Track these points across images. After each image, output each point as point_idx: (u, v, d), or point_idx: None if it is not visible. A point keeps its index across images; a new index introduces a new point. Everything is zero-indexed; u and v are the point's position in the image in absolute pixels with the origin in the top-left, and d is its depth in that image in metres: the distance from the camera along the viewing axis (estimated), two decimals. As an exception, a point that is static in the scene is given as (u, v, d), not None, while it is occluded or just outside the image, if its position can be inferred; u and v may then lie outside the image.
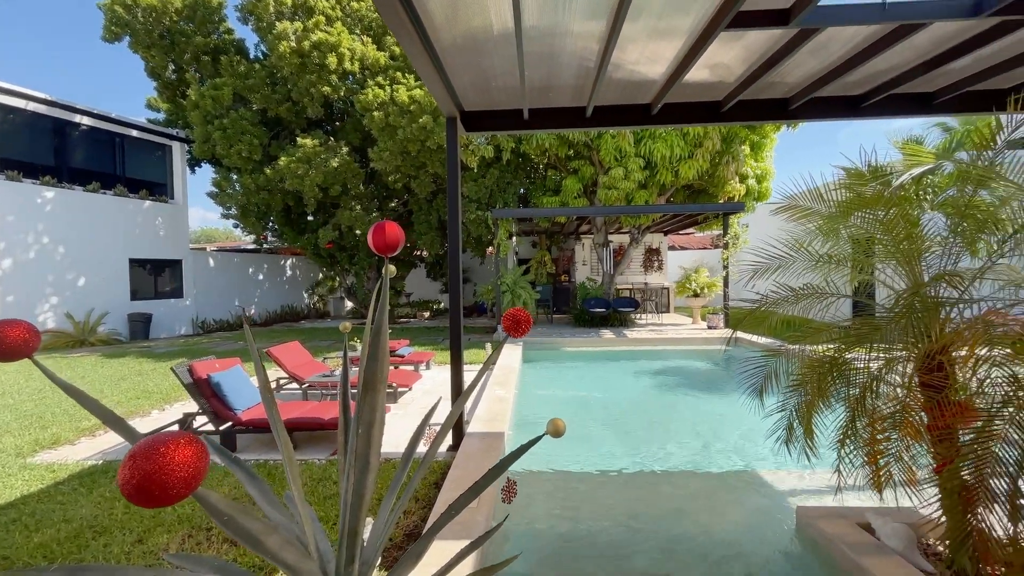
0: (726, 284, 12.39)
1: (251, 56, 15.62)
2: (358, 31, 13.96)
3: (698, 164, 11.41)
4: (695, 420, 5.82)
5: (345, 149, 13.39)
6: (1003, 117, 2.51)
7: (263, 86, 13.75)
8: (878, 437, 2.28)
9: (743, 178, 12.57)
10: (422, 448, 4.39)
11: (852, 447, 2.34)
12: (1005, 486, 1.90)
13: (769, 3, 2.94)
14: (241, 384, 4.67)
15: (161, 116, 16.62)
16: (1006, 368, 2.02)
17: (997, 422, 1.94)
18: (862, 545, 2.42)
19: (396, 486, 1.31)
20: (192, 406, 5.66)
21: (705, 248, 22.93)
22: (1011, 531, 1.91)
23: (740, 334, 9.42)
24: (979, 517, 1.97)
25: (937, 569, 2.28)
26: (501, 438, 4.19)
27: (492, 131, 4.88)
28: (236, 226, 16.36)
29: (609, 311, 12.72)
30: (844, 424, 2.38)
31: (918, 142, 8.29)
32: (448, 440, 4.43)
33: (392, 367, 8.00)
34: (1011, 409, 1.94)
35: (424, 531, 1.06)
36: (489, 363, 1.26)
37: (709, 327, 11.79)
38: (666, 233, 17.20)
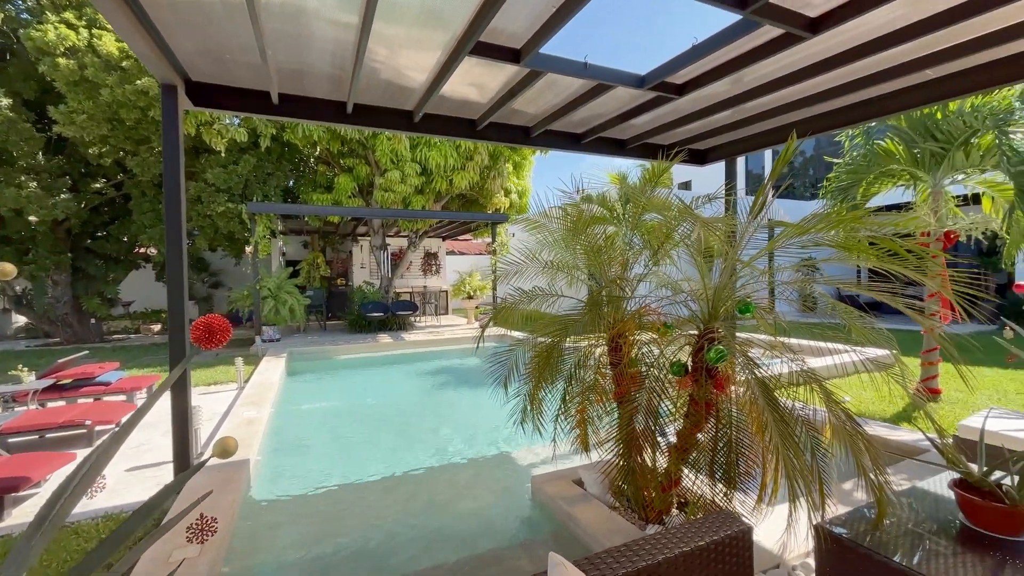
0: (495, 287, 13.75)
1: None
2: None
3: (469, 176, 12.34)
4: (464, 414, 6.24)
5: (7, 101, 9.50)
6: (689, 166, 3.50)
7: None
8: (582, 405, 2.86)
9: (507, 192, 14.19)
10: (135, 499, 3.43)
11: (564, 420, 2.87)
12: (651, 428, 2.62)
13: (507, 41, 3.37)
14: None
15: None
16: (652, 346, 2.79)
17: (647, 381, 2.66)
18: (573, 497, 3.00)
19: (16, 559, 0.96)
20: None
21: (481, 254, 24.97)
22: (652, 461, 2.65)
23: (504, 331, 10.58)
24: (639, 455, 2.67)
25: (619, 502, 2.99)
26: (245, 467, 3.62)
27: (233, 111, 4.18)
28: None
29: (388, 315, 12.55)
30: (559, 403, 2.90)
31: (623, 176, 10.85)
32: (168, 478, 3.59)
33: (92, 399, 6.07)
34: (654, 371, 2.69)
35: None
36: (163, 387, 1.04)
37: (480, 326, 12.88)
38: (444, 238, 18.01)
